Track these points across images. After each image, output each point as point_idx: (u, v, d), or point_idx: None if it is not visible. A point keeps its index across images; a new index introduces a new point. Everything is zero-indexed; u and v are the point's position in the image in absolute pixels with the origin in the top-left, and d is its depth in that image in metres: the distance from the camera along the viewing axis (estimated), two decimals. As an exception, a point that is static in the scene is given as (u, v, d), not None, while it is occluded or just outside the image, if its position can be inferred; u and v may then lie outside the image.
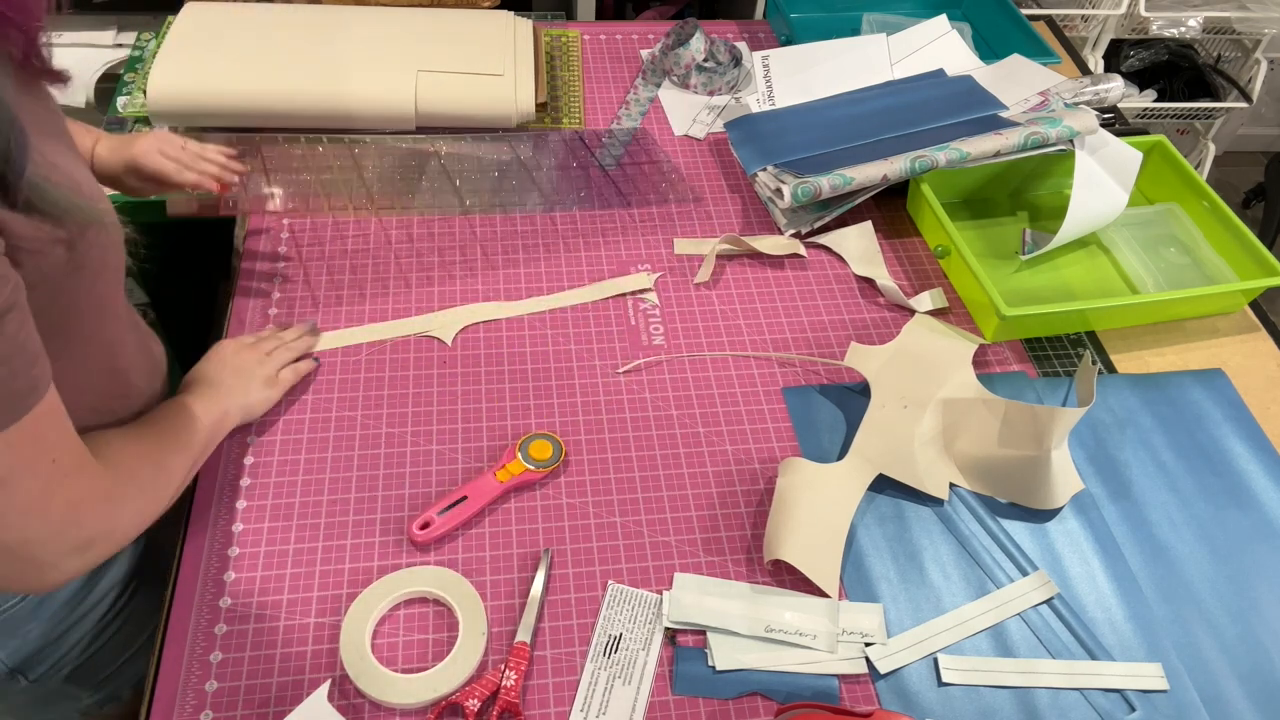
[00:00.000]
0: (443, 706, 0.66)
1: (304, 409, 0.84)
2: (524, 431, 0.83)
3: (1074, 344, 0.96)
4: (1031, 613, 0.75)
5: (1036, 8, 1.90)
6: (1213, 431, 0.89)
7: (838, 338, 0.94)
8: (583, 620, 0.72)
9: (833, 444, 0.85)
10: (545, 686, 0.68)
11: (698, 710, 0.68)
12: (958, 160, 1.00)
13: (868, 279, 1.00)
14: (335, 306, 0.92)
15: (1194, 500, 0.84)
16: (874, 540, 0.79)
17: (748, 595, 0.73)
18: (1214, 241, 1.05)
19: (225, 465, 0.79)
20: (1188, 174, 1.08)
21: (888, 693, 0.70)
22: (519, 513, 0.78)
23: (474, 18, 1.19)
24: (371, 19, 1.15)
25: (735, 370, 0.91)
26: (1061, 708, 0.70)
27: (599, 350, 0.91)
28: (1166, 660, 0.73)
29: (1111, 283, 1.02)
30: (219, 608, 0.71)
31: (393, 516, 0.77)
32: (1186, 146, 2.39)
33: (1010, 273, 1.02)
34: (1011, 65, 1.18)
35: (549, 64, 1.25)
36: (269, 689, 0.67)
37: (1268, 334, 1.00)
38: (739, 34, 1.34)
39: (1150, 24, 2.03)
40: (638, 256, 1.01)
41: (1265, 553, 0.80)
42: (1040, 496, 0.81)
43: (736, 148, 1.12)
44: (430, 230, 1.01)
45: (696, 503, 0.80)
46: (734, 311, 0.96)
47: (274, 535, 0.75)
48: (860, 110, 1.11)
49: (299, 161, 1.04)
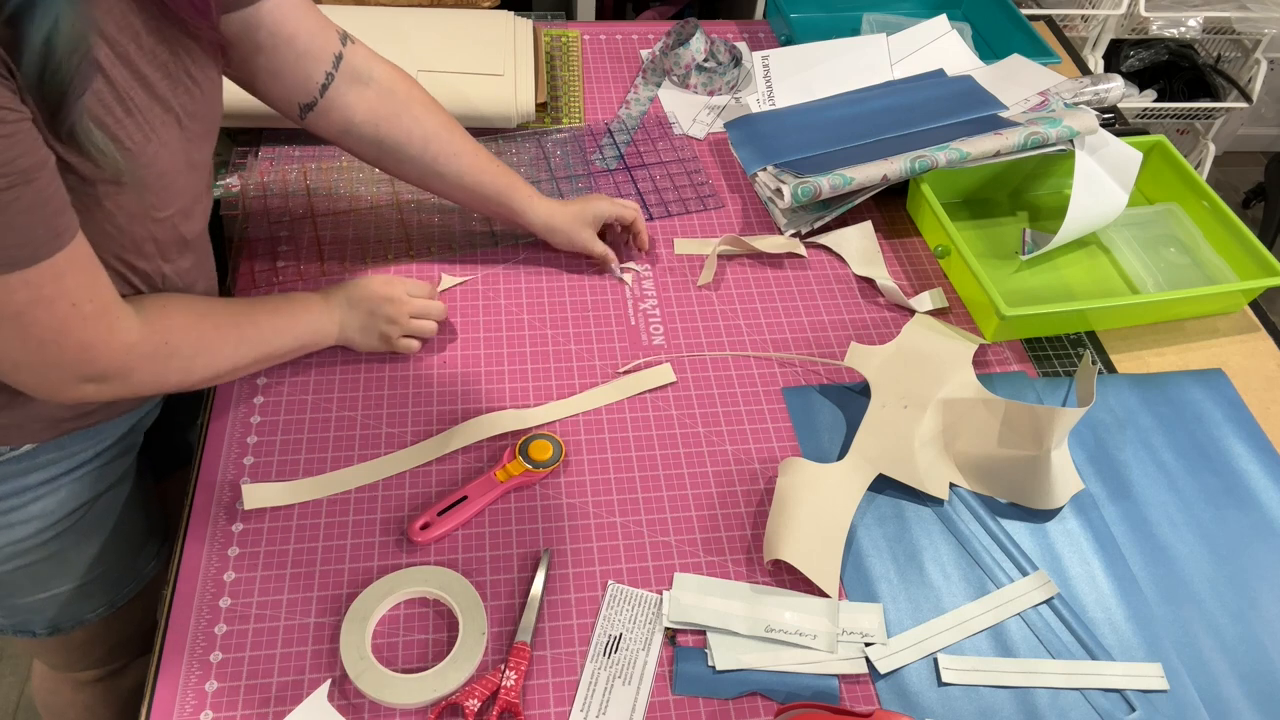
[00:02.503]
0: (443, 706, 0.66)
1: (304, 409, 0.84)
2: (524, 432, 0.83)
3: (1074, 344, 0.96)
4: (1031, 613, 0.75)
5: (1036, 8, 1.90)
6: (1212, 431, 0.89)
7: (838, 338, 0.94)
8: (583, 620, 0.72)
9: (833, 444, 0.85)
10: (545, 686, 0.68)
11: (698, 710, 0.68)
12: (958, 160, 1.00)
13: (868, 279, 1.00)
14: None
15: (1194, 500, 0.84)
16: (874, 540, 0.79)
17: (748, 595, 0.73)
18: (1214, 241, 1.05)
19: (225, 465, 0.79)
20: (1188, 174, 1.08)
21: (888, 693, 0.70)
22: (519, 513, 0.78)
23: (474, 18, 1.19)
24: (371, 19, 1.15)
25: (735, 370, 0.91)
26: (1061, 708, 0.70)
27: (599, 350, 0.91)
28: (1166, 660, 0.73)
29: (1111, 283, 1.02)
30: (219, 608, 0.71)
31: (393, 516, 0.77)
32: (1186, 146, 2.39)
33: (1010, 273, 1.02)
34: (1011, 65, 1.18)
35: (549, 64, 1.25)
36: (269, 689, 0.67)
37: (1268, 334, 1.00)
38: (739, 34, 1.34)
39: (1150, 24, 2.03)
40: (638, 257, 1.01)
41: (1265, 553, 0.80)
42: (1040, 496, 0.81)
43: (736, 148, 1.12)
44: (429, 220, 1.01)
45: (696, 503, 0.80)
46: (734, 311, 0.96)
47: (274, 535, 0.75)
48: (860, 110, 1.11)
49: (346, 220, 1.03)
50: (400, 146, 0.85)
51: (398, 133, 0.84)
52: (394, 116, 0.84)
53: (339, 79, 0.80)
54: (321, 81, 0.79)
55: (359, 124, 0.83)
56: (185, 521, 0.76)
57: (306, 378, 0.86)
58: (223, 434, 0.81)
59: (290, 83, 0.79)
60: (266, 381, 0.86)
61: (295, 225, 1.00)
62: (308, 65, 0.78)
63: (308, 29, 0.77)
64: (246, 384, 0.85)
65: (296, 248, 0.97)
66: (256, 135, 1.09)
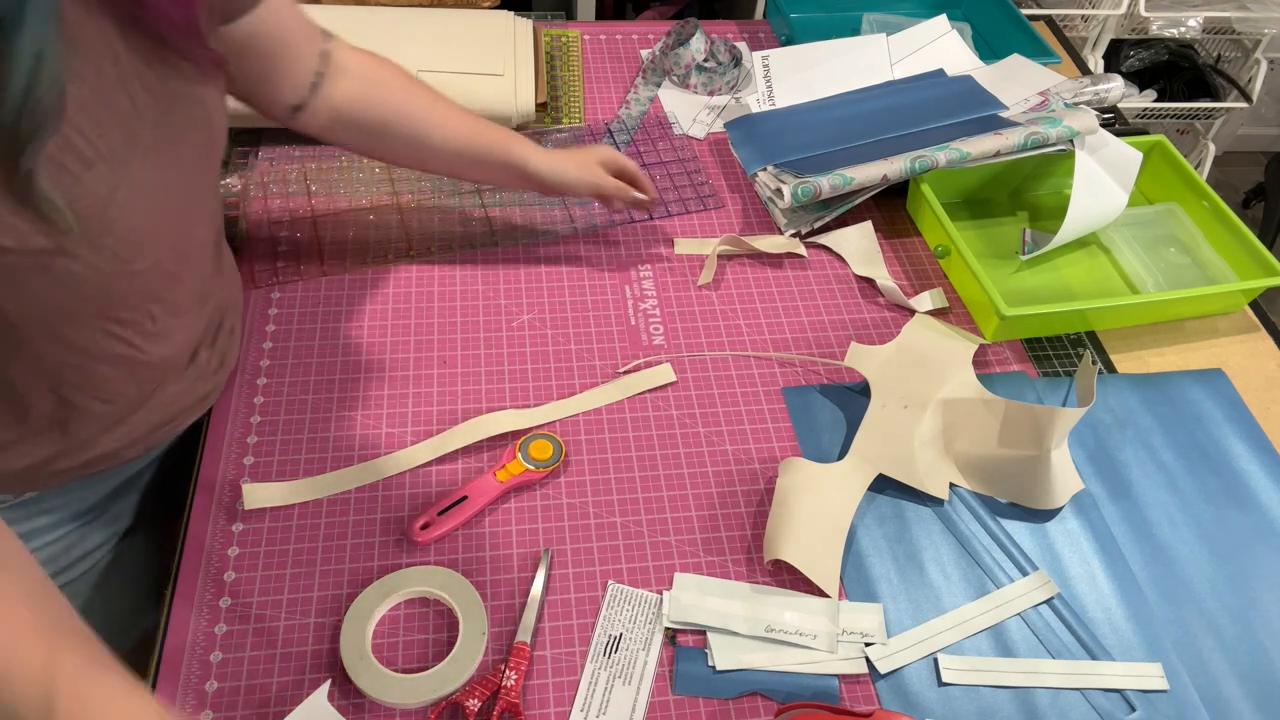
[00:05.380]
0: (443, 706, 0.66)
1: (304, 409, 0.84)
2: (524, 432, 0.83)
3: (1074, 344, 0.96)
4: (1031, 613, 0.75)
5: (1036, 8, 1.90)
6: (1213, 431, 0.89)
7: (838, 338, 0.94)
8: (583, 620, 0.72)
9: (833, 444, 0.85)
10: (545, 686, 0.68)
11: (698, 710, 0.68)
12: (958, 160, 1.00)
13: (868, 279, 1.00)
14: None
15: (1194, 500, 0.84)
16: (874, 540, 0.79)
17: (748, 595, 0.73)
18: (1214, 241, 1.05)
19: (225, 465, 0.79)
20: (1188, 174, 1.08)
21: (888, 693, 0.70)
22: (519, 513, 0.78)
23: (474, 18, 1.19)
24: (372, 19, 1.15)
25: (735, 370, 0.91)
26: (1061, 708, 0.70)
27: (599, 350, 0.91)
28: (1166, 660, 0.73)
29: (1111, 283, 1.02)
30: (219, 608, 0.71)
31: (393, 516, 0.77)
32: (1186, 146, 2.39)
33: (1010, 273, 1.02)
34: (1011, 65, 1.18)
35: (549, 64, 1.25)
36: (269, 689, 0.67)
37: (1268, 334, 1.00)
38: (739, 34, 1.34)
39: (1150, 24, 2.03)
40: (638, 257, 1.01)
41: (1265, 553, 0.80)
42: (1040, 496, 0.81)
43: (736, 148, 1.12)
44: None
45: (696, 503, 0.80)
46: (734, 311, 0.96)
47: (274, 535, 0.75)
48: (860, 110, 1.11)
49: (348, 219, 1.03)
50: (388, 126, 0.84)
51: (383, 112, 0.83)
52: (377, 99, 0.83)
53: (327, 76, 0.79)
54: (311, 81, 0.79)
55: (344, 113, 0.82)
56: (185, 521, 0.76)
57: (307, 378, 0.86)
58: (223, 434, 0.81)
59: (283, 85, 0.77)
60: (266, 382, 0.86)
61: (295, 225, 1.00)
62: (299, 67, 0.77)
63: (297, 31, 0.77)
64: (246, 384, 0.85)
65: (296, 247, 0.97)
66: (256, 135, 1.09)
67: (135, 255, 0.60)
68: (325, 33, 0.80)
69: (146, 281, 0.63)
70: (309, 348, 0.88)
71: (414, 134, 0.85)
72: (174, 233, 0.64)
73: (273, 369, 0.86)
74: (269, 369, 0.86)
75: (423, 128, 0.85)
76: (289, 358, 0.87)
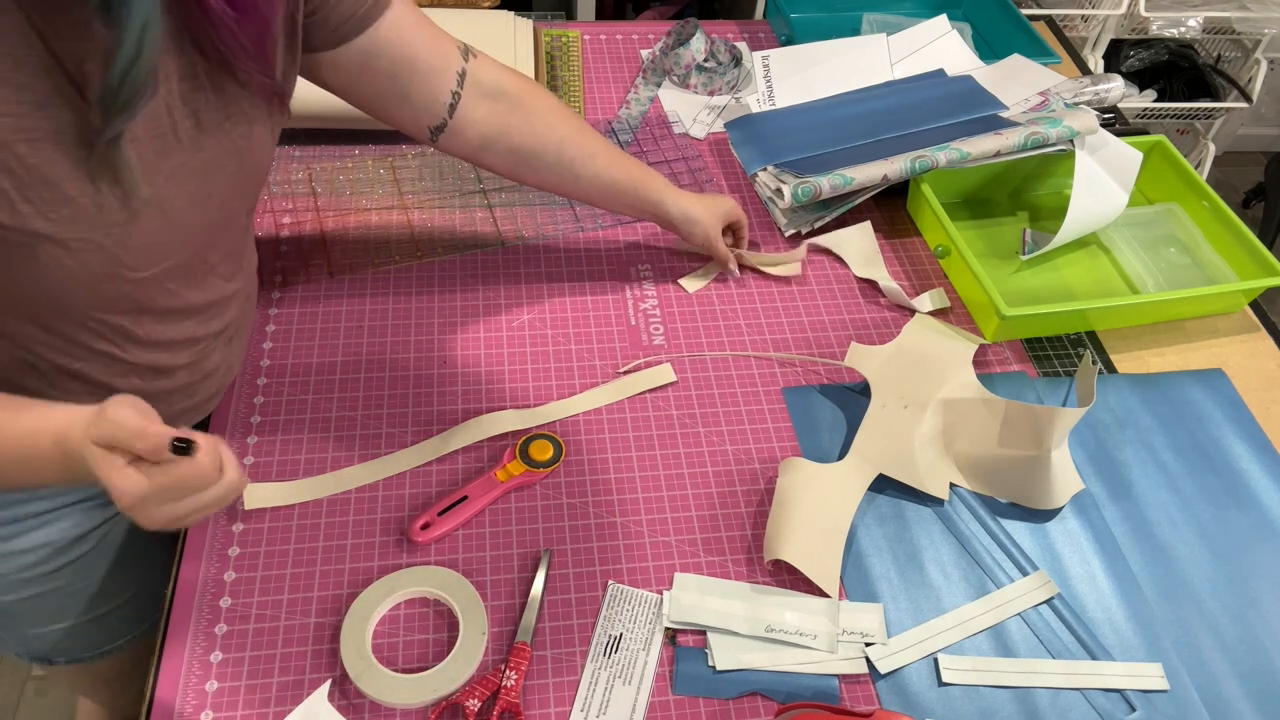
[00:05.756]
0: (443, 706, 0.66)
1: (304, 409, 0.84)
2: (524, 432, 0.83)
3: (1074, 344, 0.96)
4: (1031, 613, 0.75)
5: (1036, 8, 1.90)
6: (1213, 431, 0.89)
7: (838, 338, 0.94)
8: (583, 620, 0.72)
9: (833, 444, 0.85)
10: (545, 686, 0.68)
11: (698, 710, 0.68)
12: (958, 160, 1.00)
13: (868, 279, 1.00)
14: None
15: (1194, 500, 0.84)
16: (874, 540, 0.79)
17: (748, 595, 0.73)
18: (1214, 241, 1.05)
19: (225, 465, 0.79)
20: (1188, 174, 1.08)
21: (888, 693, 0.70)
22: (519, 513, 0.78)
23: (474, 18, 1.19)
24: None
25: (735, 370, 0.91)
26: (1061, 708, 0.70)
27: (599, 350, 0.91)
28: (1166, 660, 0.73)
29: (1111, 283, 1.02)
30: (219, 608, 0.71)
31: (393, 516, 0.77)
32: (1186, 146, 2.39)
33: (1010, 273, 1.02)
34: (1011, 65, 1.18)
35: (549, 64, 1.25)
36: (269, 689, 0.67)
37: (1268, 334, 1.00)
38: (739, 34, 1.34)
39: (1150, 24, 2.03)
40: (638, 257, 1.01)
41: (1265, 553, 0.80)
42: (1040, 496, 0.81)
43: (736, 148, 1.12)
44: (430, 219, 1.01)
45: (696, 503, 0.80)
46: (734, 311, 0.96)
47: (274, 535, 0.75)
48: (860, 110, 1.11)
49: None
50: (536, 155, 0.83)
51: (533, 142, 0.83)
52: (527, 127, 0.82)
53: (465, 96, 0.78)
54: (449, 101, 0.77)
55: (493, 139, 0.81)
56: (185, 521, 0.76)
57: (307, 377, 0.86)
58: (223, 434, 0.81)
59: (417, 105, 0.76)
60: (266, 382, 0.86)
61: (299, 225, 1.00)
62: (432, 85, 0.75)
63: (427, 48, 0.74)
64: (247, 384, 0.85)
65: (299, 248, 0.97)
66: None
67: (135, 263, 0.59)
68: (467, 49, 0.79)
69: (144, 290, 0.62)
70: (309, 348, 0.89)
71: (562, 165, 0.85)
72: (185, 254, 0.64)
73: (273, 369, 0.86)
74: (269, 369, 0.86)
75: (572, 160, 0.85)
76: (289, 358, 0.87)
